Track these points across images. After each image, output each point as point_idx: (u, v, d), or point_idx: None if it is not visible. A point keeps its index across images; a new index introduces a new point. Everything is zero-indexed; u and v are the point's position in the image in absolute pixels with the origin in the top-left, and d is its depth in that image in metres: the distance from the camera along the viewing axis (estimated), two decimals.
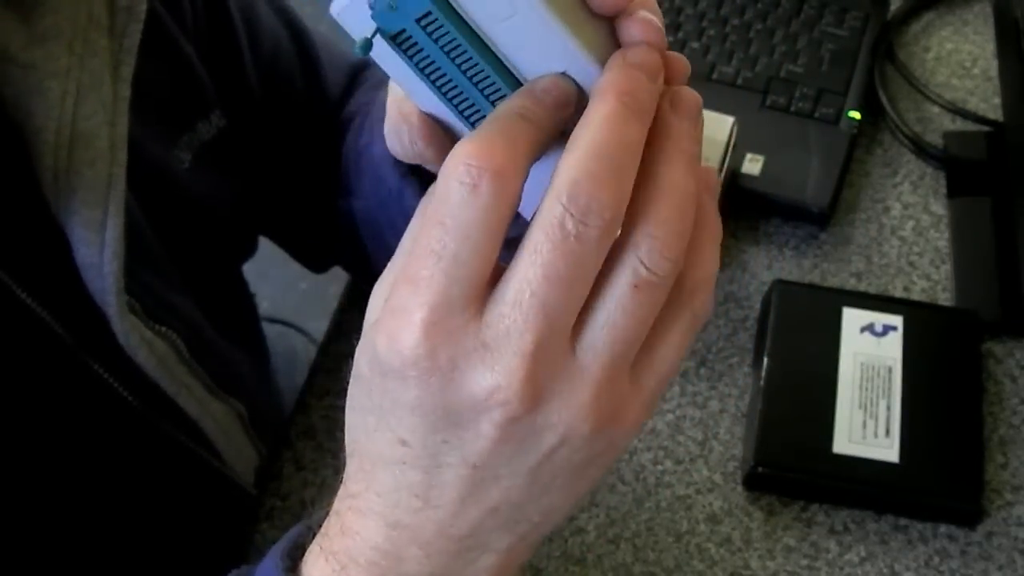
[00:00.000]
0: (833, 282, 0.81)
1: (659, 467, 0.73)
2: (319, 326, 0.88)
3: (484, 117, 0.40)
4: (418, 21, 0.38)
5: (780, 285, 0.78)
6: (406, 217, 0.62)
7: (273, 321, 1.06)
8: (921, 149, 0.88)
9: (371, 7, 0.38)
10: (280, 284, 1.75)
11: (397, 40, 0.39)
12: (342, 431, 0.40)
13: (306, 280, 1.79)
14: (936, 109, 0.90)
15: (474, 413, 0.37)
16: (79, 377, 0.56)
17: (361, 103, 0.73)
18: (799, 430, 0.71)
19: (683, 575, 0.69)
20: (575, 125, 0.37)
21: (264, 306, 0.87)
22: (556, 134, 0.38)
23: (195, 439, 0.64)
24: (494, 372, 0.36)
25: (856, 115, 0.88)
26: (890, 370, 0.73)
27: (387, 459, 0.39)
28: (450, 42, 0.39)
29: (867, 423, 0.71)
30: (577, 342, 0.37)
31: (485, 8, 0.38)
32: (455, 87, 0.40)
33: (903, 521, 0.71)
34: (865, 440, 0.70)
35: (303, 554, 0.43)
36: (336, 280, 0.84)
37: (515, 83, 0.40)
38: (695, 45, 0.93)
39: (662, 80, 0.38)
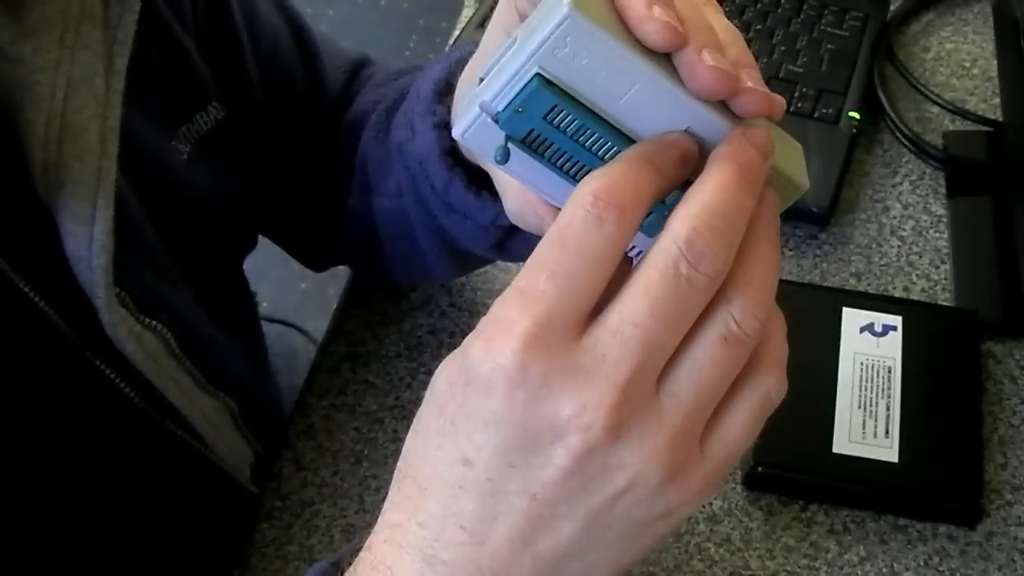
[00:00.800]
0: (833, 282, 0.81)
1: None
2: (319, 326, 0.88)
3: None
4: (544, 117, 0.40)
5: (780, 285, 0.77)
6: (450, 210, 0.63)
7: (273, 321, 1.06)
8: (921, 149, 0.88)
9: (495, 119, 0.40)
10: (280, 284, 1.75)
11: (526, 141, 0.41)
12: (342, 431, 0.40)
13: (306, 280, 1.80)
14: (936, 109, 0.90)
15: (551, 436, 0.37)
16: (78, 369, 0.56)
17: (370, 101, 0.73)
18: (799, 430, 0.71)
19: (683, 575, 0.69)
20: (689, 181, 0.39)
21: (264, 306, 0.87)
22: (675, 186, 0.40)
23: (190, 434, 0.64)
24: (582, 394, 0.36)
25: (856, 115, 0.88)
26: (890, 370, 0.73)
27: (443, 481, 0.38)
28: (578, 128, 0.40)
29: (867, 423, 0.71)
30: (661, 386, 0.38)
31: (607, 88, 0.39)
32: (584, 168, 0.41)
33: (903, 521, 0.71)
34: (865, 440, 0.70)
35: None
36: (336, 280, 0.84)
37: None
38: None
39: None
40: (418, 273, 0.77)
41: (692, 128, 0.41)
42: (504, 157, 0.40)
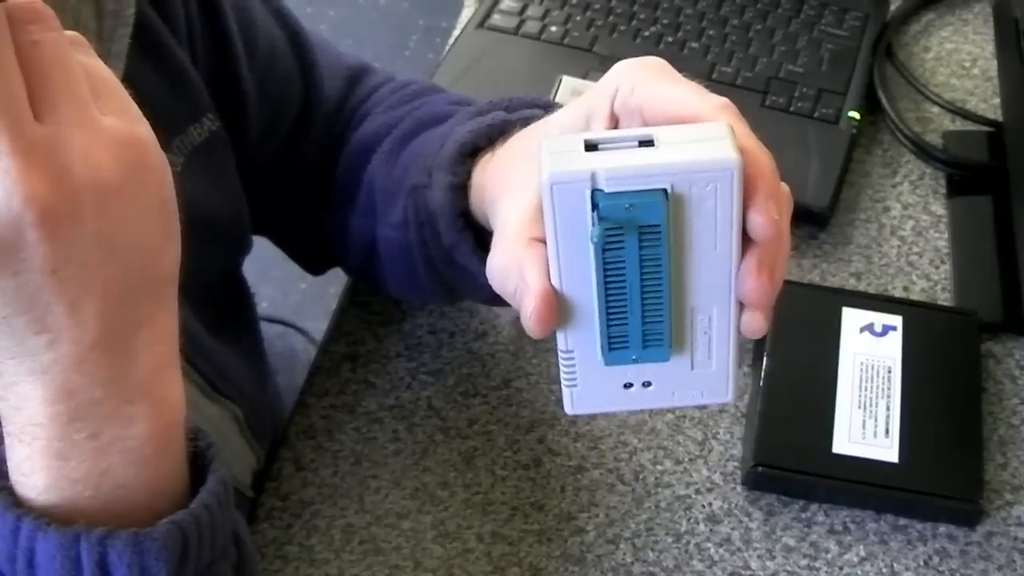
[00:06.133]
0: (833, 282, 0.81)
1: (658, 467, 0.73)
2: (319, 326, 0.88)
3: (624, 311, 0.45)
4: (640, 226, 0.42)
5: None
6: (452, 263, 0.63)
7: (273, 321, 1.06)
8: (921, 149, 0.88)
9: (594, 196, 0.41)
10: (280, 284, 1.75)
11: (606, 233, 0.42)
12: (342, 431, 0.39)
13: (306, 280, 1.80)
14: (936, 109, 0.90)
15: (13, 230, 0.39)
16: None
17: (383, 124, 0.72)
18: (799, 430, 0.71)
19: (683, 575, 0.69)
20: None
21: (264, 306, 0.87)
22: None
23: None
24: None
25: (856, 115, 0.88)
26: (889, 370, 0.73)
27: None
28: (652, 256, 0.43)
29: (866, 423, 0.71)
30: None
31: (697, 238, 0.43)
32: (624, 295, 0.44)
33: (903, 521, 0.71)
34: (865, 440, 0.70)
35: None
36: (336, 280, 0.84)
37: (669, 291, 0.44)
38: (695, 45, 0.93)
39: None
40: (414, 295, 0.78)
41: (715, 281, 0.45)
42: (602, 238, 0.42)
